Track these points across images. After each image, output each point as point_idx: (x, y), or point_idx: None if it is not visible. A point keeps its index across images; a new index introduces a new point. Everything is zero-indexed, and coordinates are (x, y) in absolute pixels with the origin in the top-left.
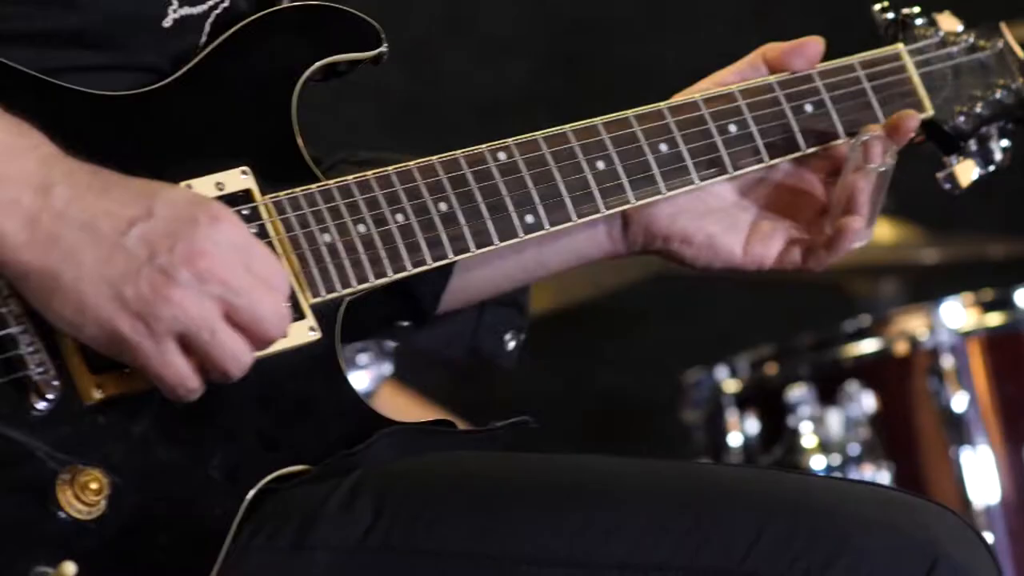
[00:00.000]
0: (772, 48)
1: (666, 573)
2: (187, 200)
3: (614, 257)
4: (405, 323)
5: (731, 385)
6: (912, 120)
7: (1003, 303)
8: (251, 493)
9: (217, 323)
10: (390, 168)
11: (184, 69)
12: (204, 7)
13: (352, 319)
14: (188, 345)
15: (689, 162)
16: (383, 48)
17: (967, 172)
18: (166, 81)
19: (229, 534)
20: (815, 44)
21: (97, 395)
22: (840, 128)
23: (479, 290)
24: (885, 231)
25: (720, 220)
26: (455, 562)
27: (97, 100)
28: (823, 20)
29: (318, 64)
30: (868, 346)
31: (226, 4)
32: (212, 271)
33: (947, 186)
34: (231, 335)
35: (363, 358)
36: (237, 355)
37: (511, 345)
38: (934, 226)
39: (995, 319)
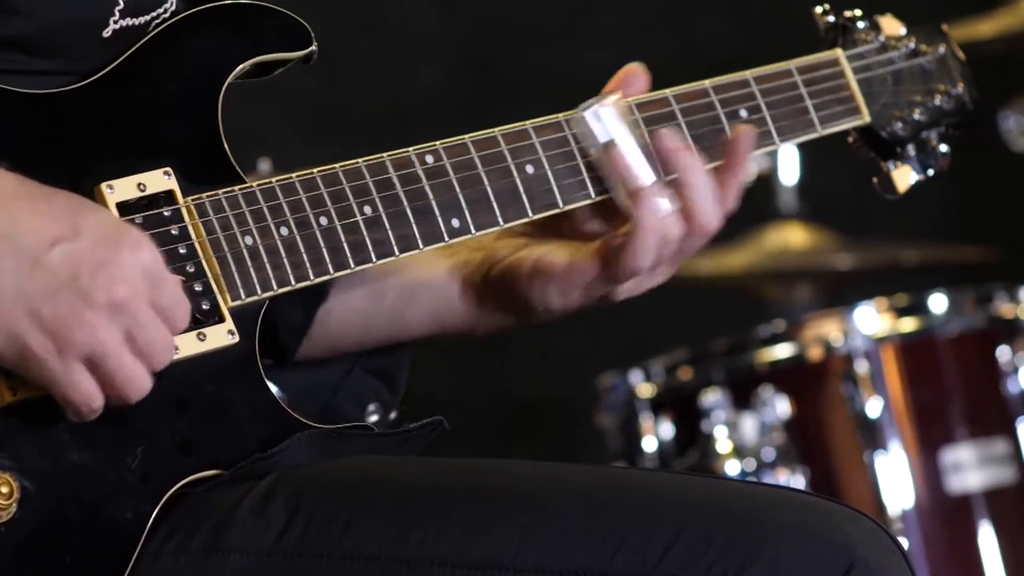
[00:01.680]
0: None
1: None
2: (113, 223)
3: (475, 326)
4: (267, 360)
5: (645, 389)
6: (745, 138)
7: (917, 308)
8: (165, 497)
9: (122, 349)
10: (315, 170)
11: (109, 67)
12: (146, 17)
13: None
14: (93, 368)
15: None
16: (313, 47)
17: (904, 177)
18: (90, 80)
19: (141, 537)
20: (632, 72)
21: (10, 397)
22: (775, 134)
23: (339, 339)
24: (799, 236)
25: (551, 245)
26: (369, 565)
27: (19, 98)
28: (732, 23)
29: (247, 63)
30: (782, 351)
31: (167, 15)
32: (127, 301)
33: (883, 192)
34: (134, 361)
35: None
36: (138, 382)
37: (373, 418)
38: (848, 232)
39: (909, 324)
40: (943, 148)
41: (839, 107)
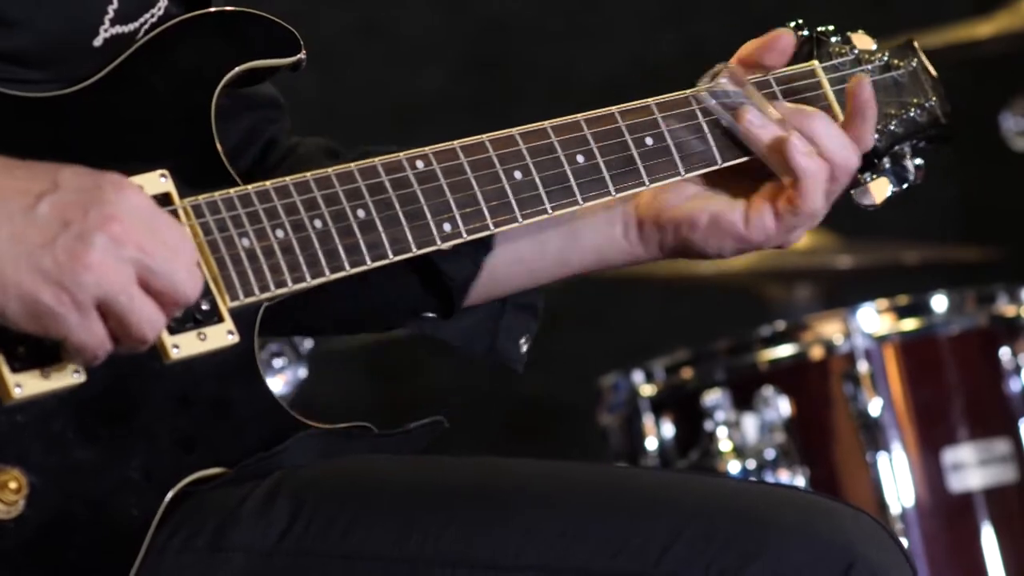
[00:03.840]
0: (746, 47)
1: None
2: (88, 171)
3: (636, 261)
4: (431, 315)
5: (647, 389)
6: (864, 86)
7: (918, 308)
8: (169, 495)
9: (133, 287)
10: (308, 174)
11: (103, 72)
12: (135, 24)
13: (381, 312)
14: (105, 312)
15: (606, 174)
16: (301, 55)
17: (881, 189)
18: (85, 84)
19: (147, 535)
20: (786, 36)
21: (16, 394)
22: None
23: (503, 285)
24: None
25: (722, 199)
26: (371, 565)
27: (15, 101)
28: (736, 25)
29: (237, 69)
30: (784, 351)
31: (155, 20)
32: (127, 235)
33: (862, 203)
34: (146, 300)
35: (278, 361)
36: (152, 320)
37: (524, 348)
38: (849, 232)
39: (910, 324)
40: (917, 161)
41: None
